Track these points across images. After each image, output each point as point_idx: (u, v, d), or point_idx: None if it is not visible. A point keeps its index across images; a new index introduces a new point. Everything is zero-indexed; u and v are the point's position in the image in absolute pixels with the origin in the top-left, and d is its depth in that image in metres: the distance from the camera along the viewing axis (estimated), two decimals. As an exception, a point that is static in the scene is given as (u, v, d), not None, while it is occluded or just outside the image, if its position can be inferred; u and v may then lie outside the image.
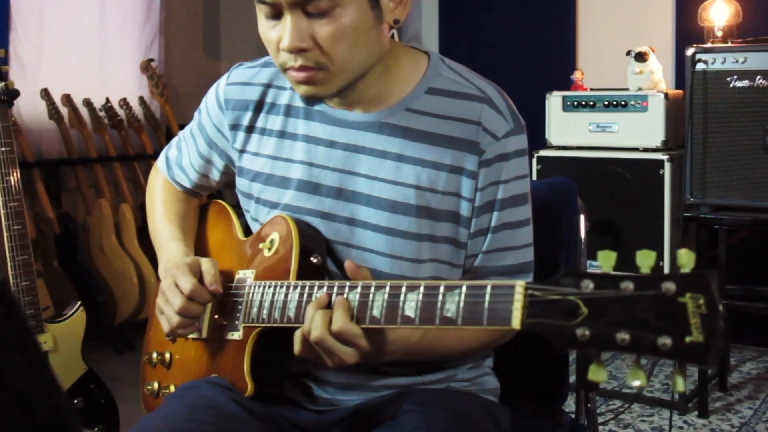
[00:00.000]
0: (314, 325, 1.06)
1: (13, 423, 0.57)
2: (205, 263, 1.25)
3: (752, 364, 3.20)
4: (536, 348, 1.35)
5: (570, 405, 1.56)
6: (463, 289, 0.96)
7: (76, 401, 2.28)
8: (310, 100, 1.23)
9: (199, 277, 1.23)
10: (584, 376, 1.45)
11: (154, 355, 1.36)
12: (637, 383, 0.80)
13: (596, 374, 0.82)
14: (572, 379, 1.56)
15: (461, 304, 0.95)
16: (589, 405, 1.48)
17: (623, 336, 0.80)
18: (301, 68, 1.13)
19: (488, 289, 0.93)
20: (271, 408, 1.21)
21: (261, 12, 1.13)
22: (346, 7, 1.09)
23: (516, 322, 0.88)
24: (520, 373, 1.42)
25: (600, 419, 2.63)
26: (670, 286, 0.78)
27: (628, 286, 0.80)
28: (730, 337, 3.07)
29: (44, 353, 2.22)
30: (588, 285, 0.83)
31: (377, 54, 1.16)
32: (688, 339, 0.76)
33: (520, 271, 1.23)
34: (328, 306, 1.07)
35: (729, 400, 2.84)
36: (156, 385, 1.35)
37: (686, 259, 0.78)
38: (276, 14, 1.11)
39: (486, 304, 0.92)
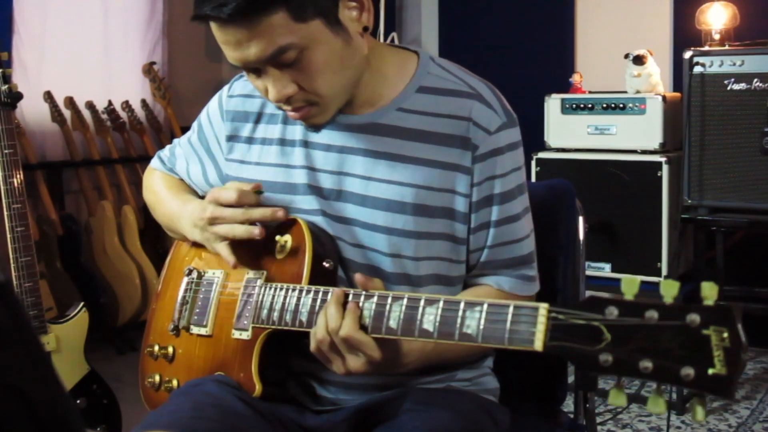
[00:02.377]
0: (325, 325, 1.07)
1: (16, 423, 0.57)
2: (236, 183, 1.23)
3: (749, 364, 3.20)
4: (535, 349, 1.37)
5: (569, 405, 1.57)
6: (485, 307, 0.96)
7: (78, 401, 2.28)
8: (313, 127, 1.24)
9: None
10: (584, 378, 1.47)
11: (156, 347, 1.35)
12: (658, 411, 0.82)
13: (616, 399, 0.84)
14: (571, 379, 1.56)
15: (482, 322, 0.96)
16: (587, 405, 1.48)
17: (646, 364, 0.81)
18: (294, 109, 1.17)
19: (510, 309, 0.93)
20: (275, 407, 1.22)
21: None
22: (311, 47, 1.10)
23: (539, 344, 0.89)
24: (519, 374, 1.42)
25: (598, 419, 2.64)
26: (694, 318, 0.79)
27: (653, 315, 0.81)
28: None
29: (47, 354, 2.23)
30: (612, 312, 0.84)
31: (359, 66, 1.18)
32: (711, 371, 0.78)
33: (523, 262, 1.26)
34: (344, 305, 1.08)
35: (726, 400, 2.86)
36: (157, 378, 1.34)
37: (709, 291, 0.79)
38: (254, 69, 1.14)
39: (508, 325, 0.93)
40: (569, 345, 0.86)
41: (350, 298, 1.08)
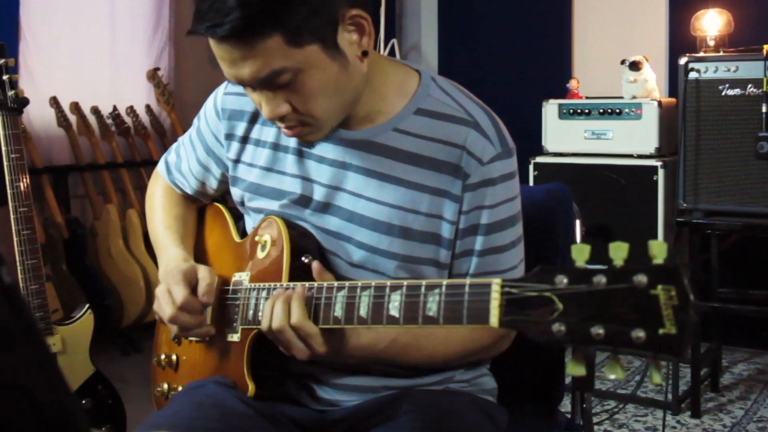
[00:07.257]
0: (274, 315, 1.12)
1: (22, 423, 0.57)
2: (202, 271, 1.25)
3: (744, 365, 3.25)
4: (533, 349, 1.37)
5: (566, 405, 1.59)
6: (443, 288, 0.96)
7: (84, 402, 2.28)
8: (307, 144, 1.24)
9: (194, 285, 1.24)
10: (581, 379, 1.49)
11: (163, 357, 1.39)
12: (613, 377, 0.80)
13: (574, 369, 0.82)
14: (568, 380, 1.60)
15: (442, 304, 0.96)
16: (584, 405, 1.50)
17: (598, 330, 0.79)
18: (287, 127, 1.16)
19: (466, 288, 0.93)
20: (274, 406, 1.23)
21: None
22: (307, 71, 1.08)
23: (494, 320, 0.88)
24: (517, 374, 1.44)
25: (595, 419, 2.66)
26: (641, 279, 0.77)
27: (601, 280, 0.80)
28: (722, 338, 3.12)
29: (53, 355, 2.25)
30: (562, 280, 0.82)
31: (357, 88, 1.15)
32: (661, 331, 0.76)
33: None
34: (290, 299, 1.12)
35: (721, 401, 2.89)
36: (165, 386, 1.38)
37: (658, 250, 0.78)
38: (249, 86, 1.13)
39: (465, 303, 0.93)
40: (523, 318, 0.85)
41: (323, 293, 1.11)
